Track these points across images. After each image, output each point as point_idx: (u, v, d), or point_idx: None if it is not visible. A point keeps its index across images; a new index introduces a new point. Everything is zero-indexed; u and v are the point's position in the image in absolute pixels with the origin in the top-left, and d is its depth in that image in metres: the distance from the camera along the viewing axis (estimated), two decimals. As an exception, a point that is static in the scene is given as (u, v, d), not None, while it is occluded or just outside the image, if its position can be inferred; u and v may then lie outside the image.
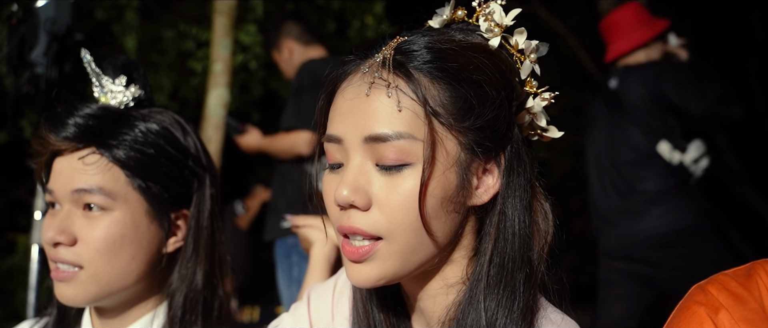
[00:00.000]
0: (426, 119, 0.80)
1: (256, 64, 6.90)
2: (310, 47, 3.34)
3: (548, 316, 0.85)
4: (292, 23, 3.39)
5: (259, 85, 7.48)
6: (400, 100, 0.80)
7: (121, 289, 1.19)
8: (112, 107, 1.22)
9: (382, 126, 0.81)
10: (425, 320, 0.91)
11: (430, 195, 0.81)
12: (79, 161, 1.15)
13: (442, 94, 0.81)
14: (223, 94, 3.97)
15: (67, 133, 1.15)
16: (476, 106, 0.81)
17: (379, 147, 0.81)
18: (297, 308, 1.05)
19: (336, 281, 1.03)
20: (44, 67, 2.50)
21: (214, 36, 4.07)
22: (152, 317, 1.23)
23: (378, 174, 0.82)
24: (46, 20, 2.52)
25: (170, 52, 6.92)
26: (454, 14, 0.90)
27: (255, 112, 7.88)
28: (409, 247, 0.82)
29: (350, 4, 6.89)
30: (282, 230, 3.06)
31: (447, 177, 0.82)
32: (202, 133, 4.70)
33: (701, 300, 0.92)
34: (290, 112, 3.17)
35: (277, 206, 3.17)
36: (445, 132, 0.81)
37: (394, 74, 0.81)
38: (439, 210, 0.82)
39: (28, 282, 2.31)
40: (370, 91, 0.82)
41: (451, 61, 0.82)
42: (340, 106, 0.85)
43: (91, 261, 1.15)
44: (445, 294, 0.88)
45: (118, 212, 1.16)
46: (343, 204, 0.82)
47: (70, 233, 1.15)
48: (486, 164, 0.85)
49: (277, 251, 3.17)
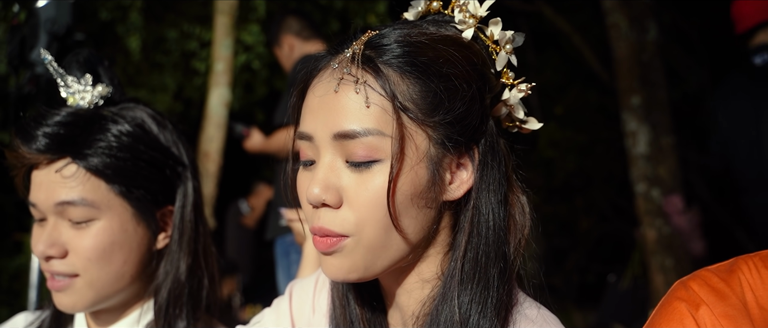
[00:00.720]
0: (394, 114, 0.79)
1: (259, 63, 6.91)
2: (309, 43, 3.33)
3: (524, 311, 0.84)
4: (292, 19, 3.38)
5: (263, 84, 7.49)
6: (369, 96, 0.80)
7: (116, 292, 1.19)
8: (81, 110, 1.18)
9: (351, 123, 0.80)
10: (401, 316, 0.90)
11: (399, 191, 0.80)
12: (56, 174, 1.13)
13: (412, 89, 0.80)
14: (224, 94, 3.98)
15: (39, 145, 1.12)
16: (446, 101, 0.81)
17: (348, 144, 0.80)
18: (279, 303, 1.05)
19: (318, 276, 1.03)
20: (44, 67, 2.51)
21: (215, 35, 4.08)
22: (140, 313, 1.23)
23: (348, 171, 0.82)
24: (46, 20, 2.53)
25: (174, 53, 6.94)
26: (429, 6, 0.89)
27: (259, 111, 7.89)
28: (378, 243, 0.81)
29: (353, 4, 6.89)
30: (282, 228, 3.06)
31: (417, 172, 0.81)
32: (203, 132, 4.71)
33: (682, 296, 0.90)
34: (283, 108, 3.18)
35: (277, 205, 3.17)
36: (414, 127, 0.81)
37: (362, 69, 0.81)
38: (409, 206, 0.81)
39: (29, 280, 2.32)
40: (339, 87, 0.81)
41: (421, 55, 0.81)
42: (310, 103, 0.84)
43: (85, 269, 1.14)
44: (420, 289, 0.87)
45: (104, 220, 1.15)
46: (314, 202, 0.82)
47: (60, 245, 1.13)
48: (459, 159, 0.84)
49: (277, 248, 3.17)
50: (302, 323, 1.01)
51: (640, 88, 5.21)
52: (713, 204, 7.40)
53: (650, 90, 5.23)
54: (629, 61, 5.26)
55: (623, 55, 5.29)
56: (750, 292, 0.88)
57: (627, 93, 5.24)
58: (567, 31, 7.47)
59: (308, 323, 1.00)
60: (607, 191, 9.03)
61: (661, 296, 3.15)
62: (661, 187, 5.10)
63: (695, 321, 0.87)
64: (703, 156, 7.98)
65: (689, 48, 7.91)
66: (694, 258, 5.08)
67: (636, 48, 5.26)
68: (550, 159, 8.37)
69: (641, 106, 5.18)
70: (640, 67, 5.25)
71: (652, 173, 5.12)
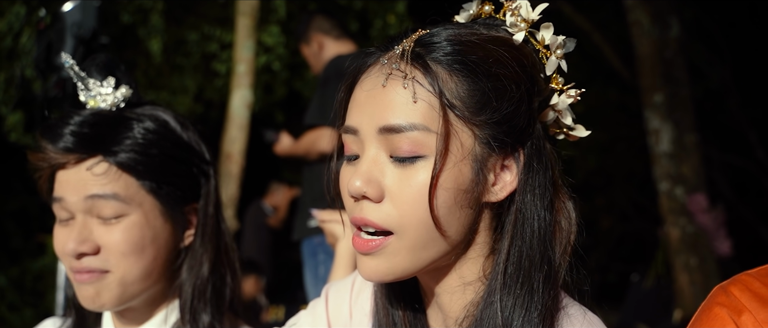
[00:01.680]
0: (441, 111, 0.79)
1: (279, 65, 6.94)
2: (340, 42, 3.32)
3: (569, 313, 0.83)
4: (321, 18, 3.37)
5: (283, 85, 7.52)
6: (416, 91, 0.79)
7: (143, 290, 1.19)
8: (105, 111, 1.19)
9: (397, 117, 0.80)
10: (442, 317, 0.90)
11: (442, 188, 0.79)
12: (87, 172, 1.14)
13: (460, 87, 0.80)
14: (246, 95, 4.00)
15: (68, 144, 1.12)
16: (493, 100, 0.80)
17: (393, 138, 0.80)
18: (315, 306, 1.05)
19: (354, 279, 1.02)
20: (71, 70, 2.54)
21: (236, 37, 4.10)
22: (166, 315, 1.23)
23: (392, 166, 0.81)
24: (72, 24, 2.56)
25: (195, 55, 6.99)
26: (481, 9, 0.89)
27: (279, 112, 7.92)
28: (420, 242, 0.81)
29: (372, 4, 6.90)
30: (309, 229, 3.06)
31: (461, 170, 0.80)
32: (226, 133, 4.74)
33: (723, 302, 0.89)
34: (314, 108, 3.16)
35: (305, 206, 3.17)
36: (460, 125, 0.80)
37: (411, 66, 0.80)
38: (451, 204, 0.80)
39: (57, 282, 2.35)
40: (387, 82, 0.81)
41: (470, 53, 0.81)
42: (357, 97, 0.84)
43: (117, 265, 1.15)
44: (462, 292, 0.86)
45: (134, 216, 1.16)
46: (355, 195, 0.81)
47: (92, 241, 1.14)
48: (504, 160, 0.83)
49: (303, 249, 3.18)
50: (339, 326, 1.00)
51: (662, 86, 5.16)
52: (738, 202, 7.32)
53: (673, 87, 5.18)
54: (652, 58, 5.22)
55: (645, 52, 5.24)
56: None
57: (649, 91, 5.20)
58: (587, 28, 7.42)
59: (345, 325, 1.00)
60: (627, 190, 8.97)
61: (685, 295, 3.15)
62: (685, 185, 5.05)
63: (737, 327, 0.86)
64: (727, 154, 7.90)
65: (712, 44, 7.82)
66: (719, 257, 5.02)
67: (658, 45, 5.21)
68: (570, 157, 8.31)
69: (664, 103, 5.13)
70: (663, 65, 5.20)
71: (675, 171, 5.07)
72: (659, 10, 5.24)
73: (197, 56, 6.99)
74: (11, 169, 7.69)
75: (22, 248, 7.59)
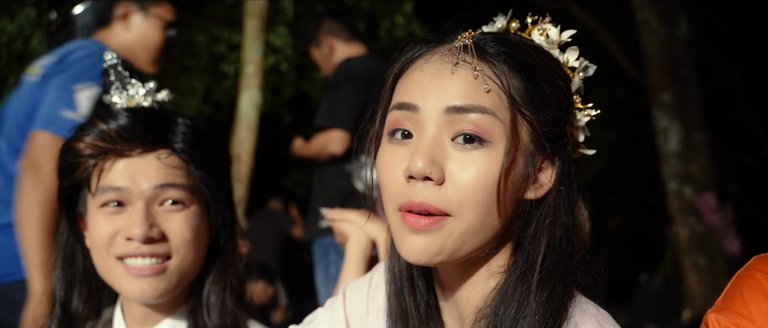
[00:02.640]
0: (509, 103, 0.82)
1: (286, 65, 6.96)
2: (350, 44, 3.34)
3: (582, 306, 0.86)
4: (331, 20, 3.40)
5: (290, 86, 7.55)
6: (486, 82, 0.82)
7: (186, 283, 1.23)
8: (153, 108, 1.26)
9: (468, 99, 0.81)
10: (458, 311, 0.91)
11: (505, 176, 0.82)
12: (157, 161, 1.19)
13: (521, 85, 0.83)
14: (255, 96, 4.01)
15: (138, 133, 1.19)
16: (549, 102, 0.84)
17: (460, 118, 0.81)
18: (333, 303, 1.07)
19: (371, 277, 1.04)
20: (80, 72, 2.57)
21: (245, 39, 4.12)
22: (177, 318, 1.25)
23: (453, 149, 0.82)
24: (83, 27, 2.58)
25: (203, 56, 7.03)
26: (509, 25, 0.92)
27: (286, 113, 7.95)
28: (474, 227, 0.82)
29: (380, 4, 6.91)
30: (320, 229, 3.07)
31: (518, 163, 0.83)
32: (235, 134, 4.76)
33: (764, 268, 0.93)
34: (324, 110, 3.18)
35: (316, 207, 3.18)
36: (520, 120, 0.83)
37: (478, 59, 0.83)
38: (507, 193, 0.83)
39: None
40: (456, 69, 0.83)
41: (528, 57, 0.85)
42: (418, 78, 0.85)
43: (177, 251, 1.19)
44: (485, 282, 0.88)
45: (192, 206, 1.21)
46: (417, 175, 0.81)
47: (158, 226, 1.18)
48: (543, 161, 0.86)
49: (315, 250, 3.19)
50: (356, 323, 1.03)
51: (671, 85, 5.15)
52: (747, 202, 7.29)
53: (681, 87, 5.17)
54: (660, 57, 5.21)
55: (653, 51, 5.23)
56: None
57: (658, 90, 5.19)
58: (594, 28, 7.41)
59: (362, 323, 1.02)
60: (636, 189, 8.96)
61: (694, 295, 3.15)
62: (694, 185, 5.04)
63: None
64: (736, 153, 7.88)
65: (720, 43, 7.79)
66: (728, 257, 5.01)
67: (666, 44, 5.20)
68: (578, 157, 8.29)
69: (672, 103, 5.12)
70: (671, 64, 5.19)
71: (684, 170, 5.06)
72: (667, 9, 5.23)
73: (205, 57, 7.02)
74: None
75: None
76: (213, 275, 1.26)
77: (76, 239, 1.28)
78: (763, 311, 0.90)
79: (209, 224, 1.25)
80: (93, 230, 1.21)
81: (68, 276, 1.27)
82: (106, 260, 1.20)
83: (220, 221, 1.26)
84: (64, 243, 1.29)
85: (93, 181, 1.19)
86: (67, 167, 1.22)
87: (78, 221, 1.27)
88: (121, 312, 1.28)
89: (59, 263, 1.29)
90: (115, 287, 1.22)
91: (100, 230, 1.19)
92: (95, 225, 1.20)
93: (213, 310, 1.25)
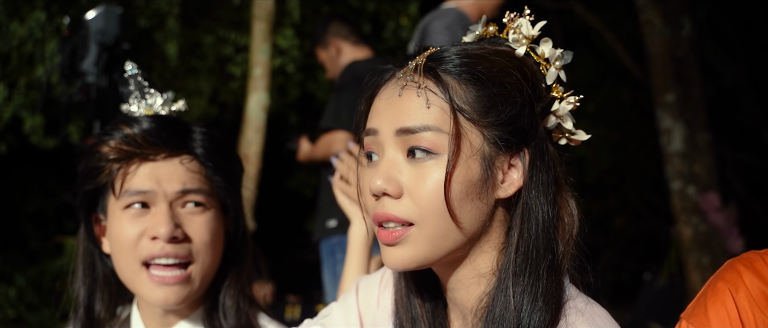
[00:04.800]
0: (451, 114, 0.89)
1: (293, 67, 7.00)
2: (357, 47, 3.39)
3: (575, 304, 0.90)
4: (339, 23, 3.45)
5: (296, 87, 7.59)
6: (429, 98, 0.90)
7: (206, 286, 1.27)
8: (172, 116, 1.31)
9: (412, 120, 0.90)
10: (460, 311, 0.97)
11: (455, 182, 0.88)
12: (181, 166, 1.24)
13: (468, 94, 0.90)
14: (262, 98, 4.06)
15: (163, 139, 1.23)
16: (499, 104, 0.90)
17: (409, 139, 0.90)
18: (346, 298, 1.12)
19: (383, 273, 1.10)
20: (95, 76, 2.62)
21: (253, 41, 4.17)
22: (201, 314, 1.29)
23: (408, 165, 0.91)
24: (96, 32, 2.64)
25: (210, 58, 7.07)
26: (486, 30, 0.99)
27: (292, 114, 8.00)
28: (438, 232, 0.90)
29: (385, 6, 6.94)
30: (327, 230, 3.12)
31: (470, 166, 0.89)
32: (242, 135, 4.81)
33: (727, 277, 0.99)
34: (329, 112, 3.23)
35: (323, 208, 3.22)
36: (470, 126, 0.90)
37: (424, 77, 0.91)
38: (463, 197, 0.89)
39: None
40: (403, 91, 0.91)
41: (477, 64, 0.91)
42: (377, 106, 0.95)
43: (197, 254, 1.23)
44: (477, 284, 0.94)
45: (212, 210, 1.26)
46: (377, 193, 0.91)
47: (182, 228, 1.22)
48: (511, 160, 0.92)
49: (322, 249, 3.23)
50: (368, 318, 1.08)
51: (674, 85, 5.17)
52: (751, 201, 7.30)
53: (685, 87, 5.19)
54: (664, 57, 5.23)
55: (657, 51, 5.25)
56: None
57: (662, 90, 5.21)
58: (599, 28, 7.43)
59: (373, 317, 1.07)
60: (640, 189, 8.96)
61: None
62: (697, 184, 5.05)
63: (735, 303, 0.96)
64: (740, 152, 7.88)
65: (724, 43, 7.80)
66: (731, 256, 5.02)
67: (670, 44, 5.22)
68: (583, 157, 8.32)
69: (676, 103, 5.14)
70: (675, 64, 5.21)
71: (687, 170, 5.08)
72: (671, 10, 5.25)
73: (212, 59, 7.07)
74: (29, 171, 7.83)
75: (41, 250, 7.71)
76: (228, 279, 1.31)
77: (94, 245, 1.31)
78: (721, 319, 0.96)
79: (224, 229, 1.30)
80: (117, 232, 1.24)
81: (90, 281, 1.31)
82: (132, 265, 1.23)
83: (234, 225, 1.31)
84: (85, 249, 1.32)
85: (117, 184, 1.23)
86: (92, 170, 1.25)
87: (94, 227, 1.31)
88: (139, 312, 1.32)
89: (81, 269, 1.32)
90: (138, 293, 1.26)
91: (126, 232, 1.22)
92: (120, 227, 1.23)
93: (229, 312, 1.29)
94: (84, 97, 2.68)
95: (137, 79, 1.32)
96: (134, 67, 1.34)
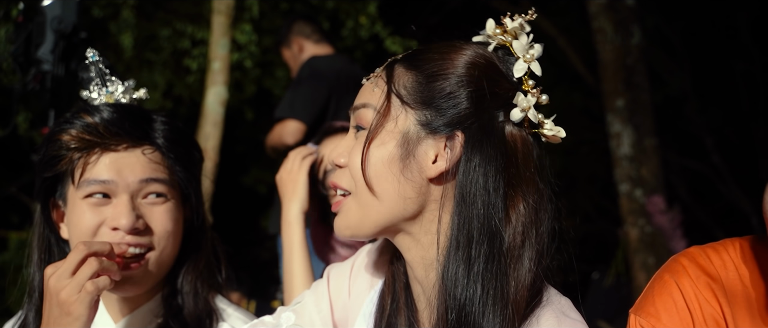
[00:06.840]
0: (385, 95, 0.97)
1: (250, 62, 6.96)
2: (319, 45, 3.45)
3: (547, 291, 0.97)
4: (303, 23, 3.52)
5: (253, 83, 7.54)
6: (377, 84, 0.99)
7: (164, 272, 1.27)
8: (134, 105, 1.30)
9: (359, 99, 1.01)
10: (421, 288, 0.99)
11: (372, 155, 0.95)
12: (143, 156, 1.23)
13: (409, 80, 0.97)
14: (221, 92, 4.04)
15: (125, 129, 1.23)
16: (435, 91, 0.96)
17: (354, 115, 1.01)
18: (318, 286, 1.14)
19: (353, 262, 1.13)
20: (51, 64, 2.56)
21: (212, 35, 4.14)
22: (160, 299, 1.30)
23: (354, 139, 1.00)
24: (52, 19, 2.58)
25: (165, 50, 6.97)
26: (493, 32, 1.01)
27: (248, 109, 7.94)
28: (364, 201, 0.96)
29: (344, 4, 6.96)
30: (284, 225, 3.12)
31: (388, 142, 0.96)
32: (200, 130, 4.77)
33: (673, 270, 1.05)
34: (284, 103, 3.28)
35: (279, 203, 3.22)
36: (403, 109, 0.96)
37: (384, 69, 1.01)
38: (383, 171, 0.95)
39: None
40: (364, 81, 1.03)
41: (425, 55, 0.99)
42: None
43: (158, 244, 1.23)
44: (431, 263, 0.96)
45: (172, 200, 1.26)
46: (335, 163, 1.01)
47: (143, 219, 1.22)
48: (447, 142, 0.95)
49: (280, 243, 3.24)
50: (339, 305, 1.11)
51: (624, 91, 5.33)
52: (694, 205, 7.56)
53: (634, 93, 5.36)
54: (614, 64, 5.39)
55: (608, 58, 5.41)
56: (733, 268, 1.00)
57: (612, 95, 5.37)
58: (552, 33, 7.59)
59: (344, 305, 1.10)
60: (590, 191, 9.18)
61: (643, 292, 3.15)
62: (644, 187, 5.22)
63: (682, 295, 1.02)
64: (684, 158, 8.16)
65: (671, 52, 8.07)
66: (675, 256, 5.20)
67: (621, 52, 5.39)
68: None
69: (625, 108, 5.31)
70: (625, 71, 5.37)
71: (635, 173, 5.24)
72: (622, 18, 5.42)
73: (168, 52, 6.97)
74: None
75: (-18, 244, 7.48)
76: (186, 265, 1.32)
77: (51, 230, 1.30)
78: (668, 309, 1.02)
79: (183, 218, 1.30)
80: (77, 220, 1.23)
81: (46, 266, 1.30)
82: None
83: (193, 213, 1.32)
84: (40, 234, 1.31)
85: (77, 173, 1.22)
86: (51, 158, 1.24)
87: (52, 213, 1.30)
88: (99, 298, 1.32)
89: (37, 254, 1.31)
90: None
91: (86, 221, 1.22)
92: (79, 216, 1.22)
93: (187, 297, 1.30)
94: (38, 85, 2.62)
95: (98, 66, 1.31)
96: (96, 54, 1.32)
